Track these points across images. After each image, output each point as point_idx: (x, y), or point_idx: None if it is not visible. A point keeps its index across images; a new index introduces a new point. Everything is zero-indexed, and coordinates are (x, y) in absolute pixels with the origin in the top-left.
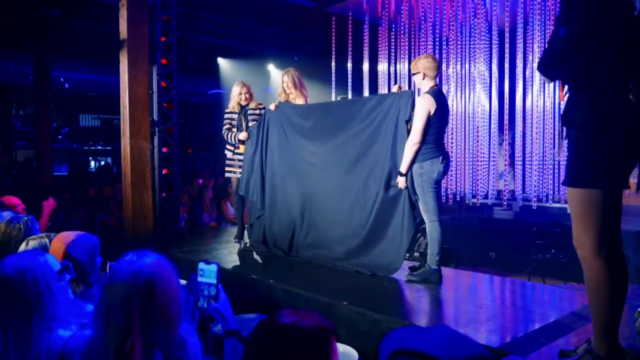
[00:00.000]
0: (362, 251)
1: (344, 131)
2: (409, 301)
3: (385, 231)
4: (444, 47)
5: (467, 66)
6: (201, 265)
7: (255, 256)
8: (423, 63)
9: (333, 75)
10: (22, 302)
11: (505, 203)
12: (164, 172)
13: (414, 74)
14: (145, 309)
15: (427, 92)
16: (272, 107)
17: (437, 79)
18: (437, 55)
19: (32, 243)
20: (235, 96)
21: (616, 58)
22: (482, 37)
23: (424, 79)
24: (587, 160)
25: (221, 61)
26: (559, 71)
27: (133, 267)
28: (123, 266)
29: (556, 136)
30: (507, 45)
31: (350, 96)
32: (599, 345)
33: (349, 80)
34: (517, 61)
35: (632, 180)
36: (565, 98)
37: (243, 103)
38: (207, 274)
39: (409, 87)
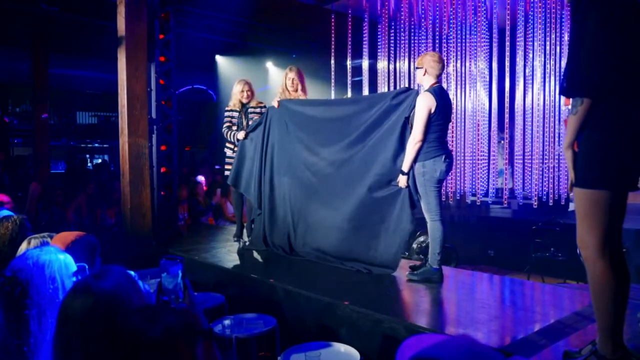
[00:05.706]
0: (360, 250)
1: (347, 129)
2: (410, 301)
3: (384, 230)
4: (444, 44)
5: (467, 64)
6: (163, 265)
7: (255, 255)
8: (428, 60)
9: (332, 72)
10: (38, 296)
11: (506, 201)
12: (162, 170)
13: (417, 69)
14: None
15: (427, 90)
16: (274, 104)
17: (439, 78)
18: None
19: (34, 242)
20: (237, 94)
21: (627, 58)
22: (482, 35)
23: (424, 75)
24: (597, 161)
25: (219, 58)
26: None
27: (89, 295)
28: (77, 294)
29: (557, 134)
30: (507, 42)
31: (349, 94)
32: (603, 346)
33: (349, 77)
34: (517, 59)
35: None
36: (571, 101)
37: (244, 101)
38: (171, 274)
39: (409, 85)
